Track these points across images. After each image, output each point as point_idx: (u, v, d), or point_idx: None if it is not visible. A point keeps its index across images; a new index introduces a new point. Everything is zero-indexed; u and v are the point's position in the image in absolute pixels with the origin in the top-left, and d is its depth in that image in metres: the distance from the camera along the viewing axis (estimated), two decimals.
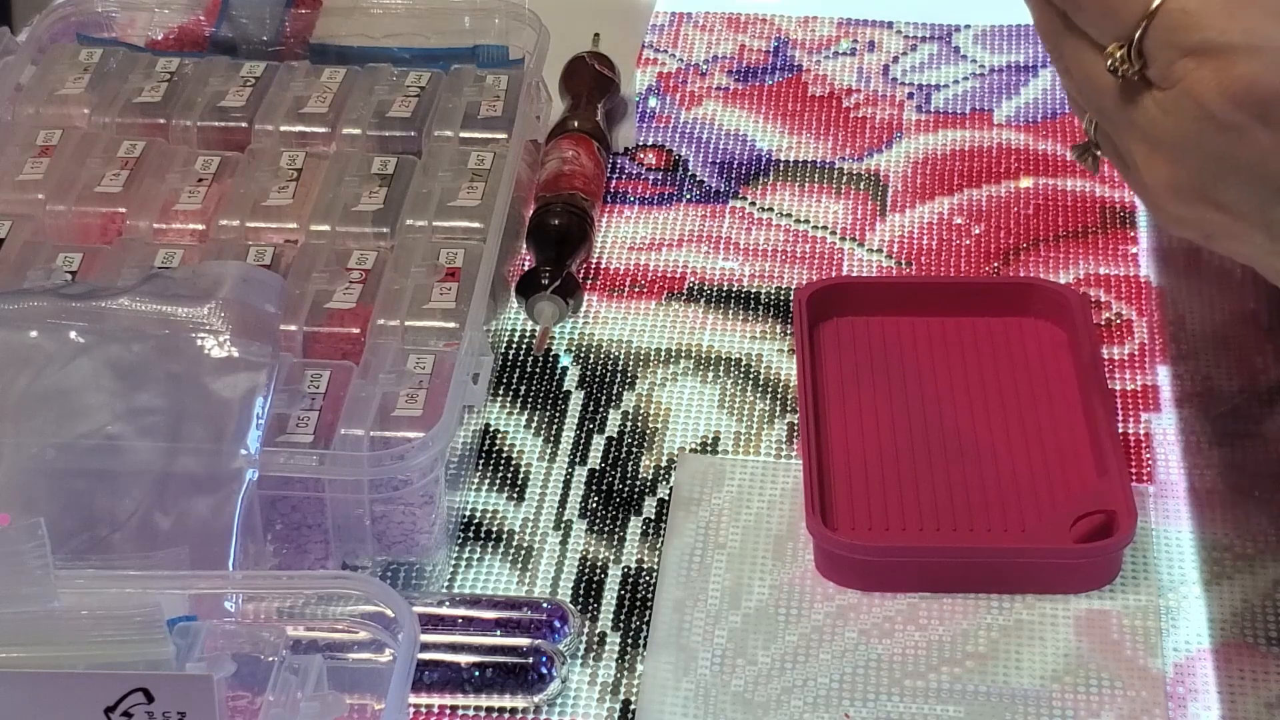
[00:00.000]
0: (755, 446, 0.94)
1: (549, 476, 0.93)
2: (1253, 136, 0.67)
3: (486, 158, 1.01)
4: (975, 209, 1.09)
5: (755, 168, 1.12)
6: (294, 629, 0.75)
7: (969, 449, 0.91)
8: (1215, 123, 0.67)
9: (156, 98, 1.05)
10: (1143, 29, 0.68)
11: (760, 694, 0.82)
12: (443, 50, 1.10)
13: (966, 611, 0.85)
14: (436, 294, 0.92)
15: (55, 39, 1.12)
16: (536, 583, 0.87)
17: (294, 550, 0.85)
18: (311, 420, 0.85)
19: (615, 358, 1.00)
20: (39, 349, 0.83)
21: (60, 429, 0.81)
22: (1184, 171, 0.69)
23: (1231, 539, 0.88)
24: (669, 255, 1.06)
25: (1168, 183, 0.70)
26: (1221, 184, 0.69)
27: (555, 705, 0.82)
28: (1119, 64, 0.69)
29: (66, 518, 0.79)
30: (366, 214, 0.98)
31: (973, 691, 0.82)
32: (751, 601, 0.86)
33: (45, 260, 0.94)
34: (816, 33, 1.23)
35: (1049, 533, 0.87)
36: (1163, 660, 0.83)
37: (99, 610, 0.70)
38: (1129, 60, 0.69)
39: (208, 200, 0.99)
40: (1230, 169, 0.68)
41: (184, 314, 0.84)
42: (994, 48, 1.22)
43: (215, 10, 1.13)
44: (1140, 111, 0.70)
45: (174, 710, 0.67)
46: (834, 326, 0.99)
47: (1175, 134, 0.69)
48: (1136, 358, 0.98)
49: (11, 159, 1.01)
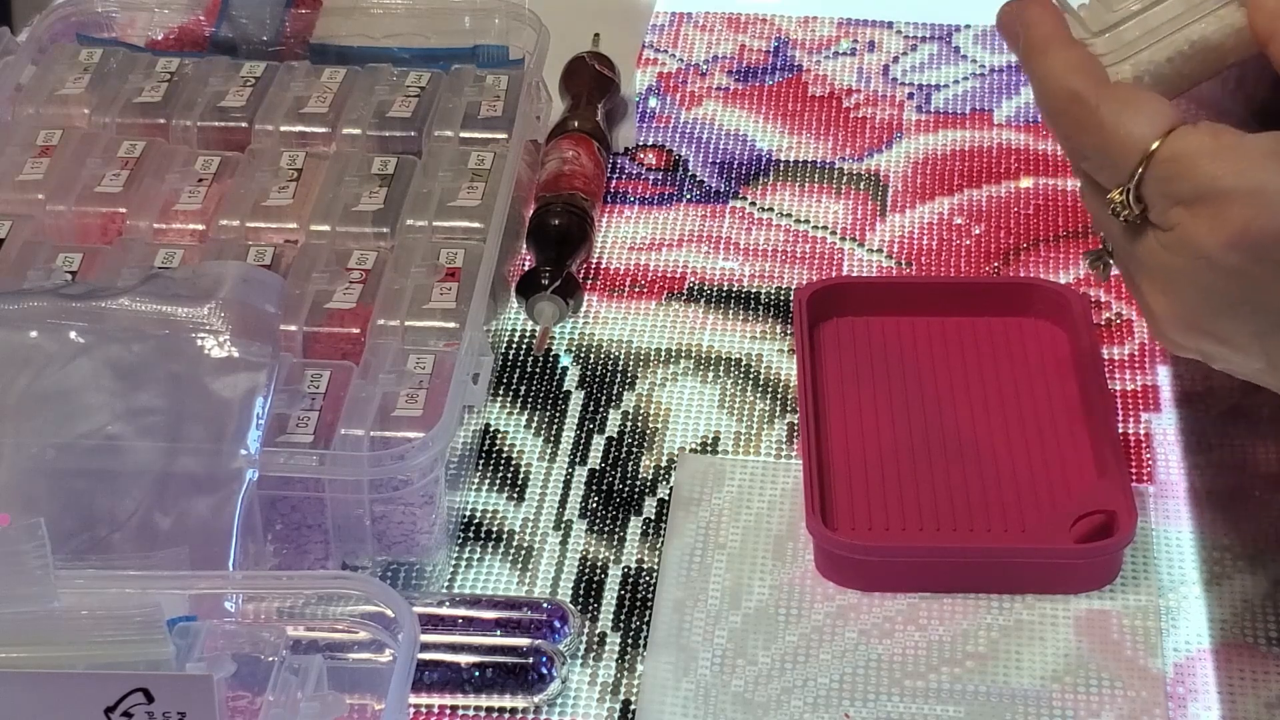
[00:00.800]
0: (755, 446, 0.94)
1: (549, 476, 0.93)
2: (1250, 277, 0.69)
3: (486, 158, 1.01)
4: (975, 209, 1.09)
5: (755, 168, 1.12)
6: (294, 629, 0.75)
7: (969, 449, 0.91)
8: (1213, 265, 0.69)
9: (156, 98, 1.05)
10: (1138, 178, 0.71)
11: (760, 694, 0.82)
12: (443, 50, 1.10)
13: (966, 611, 0.85)
14: (436, 294, 0.92)
15: (55, 39, 1.12)
16: (536, 583, 0.87)
17: (294, 550, 0.85)
18: (311, 420, 0.85)
19: (615, 358, 1.00)
20: (39, 349, 0.83)
21: (60, 429, 0.81)
22: (1184, 307, 0.72)
23: (1231, 539, 0.88)
24: (669, 255, 1.06)
25: (1169, 315, 0.73)
26: (1221, 319, 0.71)
27: (555, 705, 0.82)
28: (1120, 209, 0.72)
29: (66, 518, 0.79)
30: (366, 214, 0.98)
31: (973, 691, 0.82)
32: (751, 601, 0.86)
33: (45, 260, 0.94)
34: (816, 33, 1.23)
35: (1049, 533, 0.87)
36: (1163, 660, 0.83)
37: (99, 610, 0.70)
38: (1129, 205, 0.71)
39: (208, 200, 0.99)
40: (1228, 306, 0.71)
41: (184, 314, 0.84)
42: (994, 48, 1.22)
43: (215, 10, 1.13)
44: (1144, 248, 0.72)
45: (174, 710, 0.67)
46: (834, 326, 0.99)
47: (1176, 272, 0.71)
48: (1136, 358, 0.98)
49: (11, 159, 1.01)
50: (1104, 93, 0.72)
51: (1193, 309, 0.72)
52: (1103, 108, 0.72)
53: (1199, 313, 0.72)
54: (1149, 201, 0.71)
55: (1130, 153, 0.71)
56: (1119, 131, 0.71)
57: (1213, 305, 0.71)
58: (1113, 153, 0.71)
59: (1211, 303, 0.71)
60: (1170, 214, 0.70)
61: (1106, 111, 0.72)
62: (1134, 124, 0.71)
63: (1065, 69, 0.73)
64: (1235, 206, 0.68)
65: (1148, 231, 0.72)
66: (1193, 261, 0.70)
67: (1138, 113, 0.71)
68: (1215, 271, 0.70)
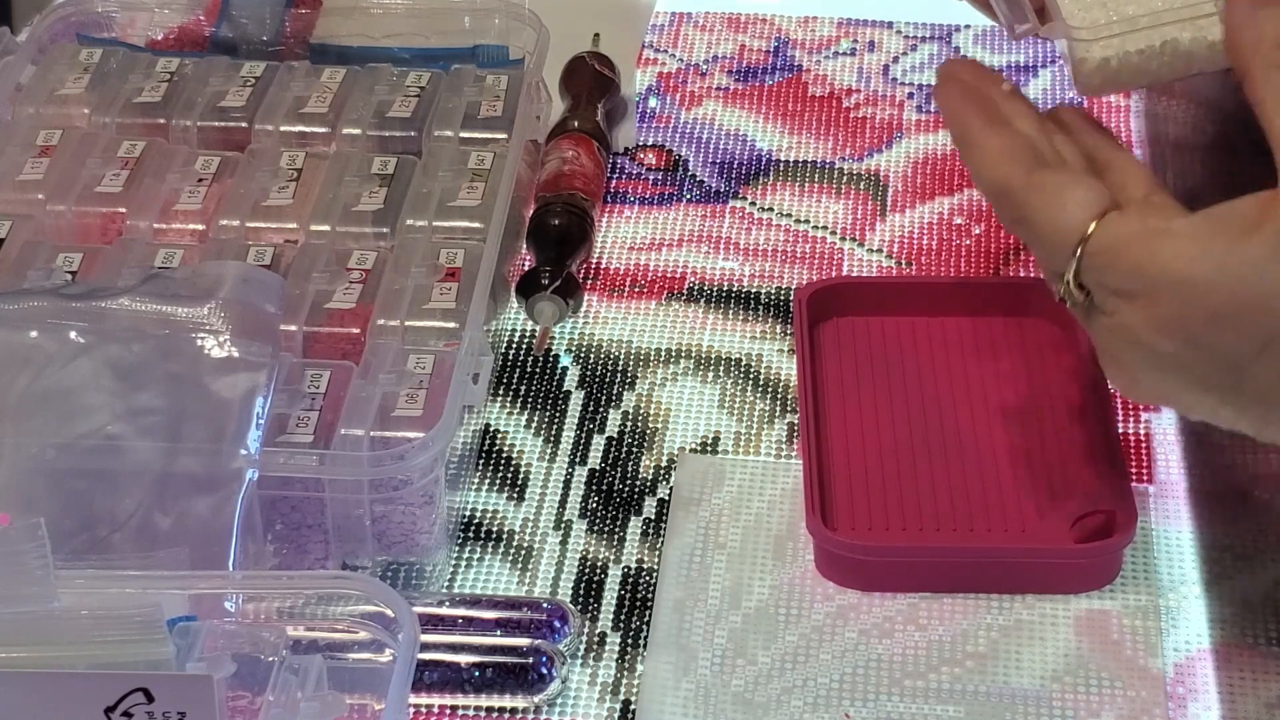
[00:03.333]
0: (755, 446, 0.94)
1: (549, 476, 0.93)
2: (1187, 360, 0.70)
3: (486, 158, 1.01)
4: (975, 209, 1.09)
5: (755, 168, 1.12)
6: (294, 629, 0.75)
7: (969, 449, 0.91)
8: (1152, 350, 0.71)
9: (156, 98, 1.05)
10: (1075, 269, 0.71)
11: (760, 694, 0.82)
12: (443, 50, 1.10)
13: (966, 611, 0.85)
14: (436, 294, 0.92)
15: (55, 39, 1.12)
16: (536, 583, 0.87)
17: (294, 550, 0.85)
18: (311, 420, 0.85)
19: (615, 358, 1.00)
20: (39, 349, 0.83)
21: (60, 429, 0.81)
22: (1136, 383, 0.74)
23: (1231, 539, 0.88)
24: (669, 255, 1.06)
25: (1125, 386, 0.75)
26: (1173, 393, 0.73)
27: (555, 705, 0.82)
28: (1064, 295, 0.73)
29: (66, 518, 0.79)
30: (366, 214, 0.98)
31: (973, 691, 0.82)
32: (751, 601, 0.86)
33: (45, 260, 0.94)
34: (816, 33, 1.23)
35: (1049, 533, 0.87)
36: (1163, 660, 0.83)
37: (99, 610, 0.70)
38: (1072, 293, 0.72)
39: (208, 200, 0.99)
40: (1178, 382, 0.72)
41: (184, 314, 0.84)
42: (994, 48, 1.22)
43: (215, 10, 1.13)
44: (1094, 326, 0.73)
45: (174, 710, 0.67)
46: (834, 326, 0.99)
47: (1123, 352, 0.72)
48: None
49: (11, 159, 1.01)
50: (1033, 181, 0.72)
51: (1145, 385, 0.73)
52: (1033, 199, 0.72)
53: (1151, 387, 0.73)
54: (1090, 289, 0.72)
55: (1064, 244, 0.71)
56: (1051, 223, 0.72)
57: (1163, 382, 0.72)
58: (1047, 245, 0.72)
59: (1162, 380, 0.72)
60: (1108, 302, 0.71)
61: (1037, 203, 0.72)
62: (1064, 214, 0.71)
63: (993, 159, 0.73)
64: (1163, 296, 0.69)
65: (1095, 314, 0.73)
66: (1133, 347, 0.71)
67: (1068, 201, 0.71)
68: (1156, 355, 0.71)
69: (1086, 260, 0.71)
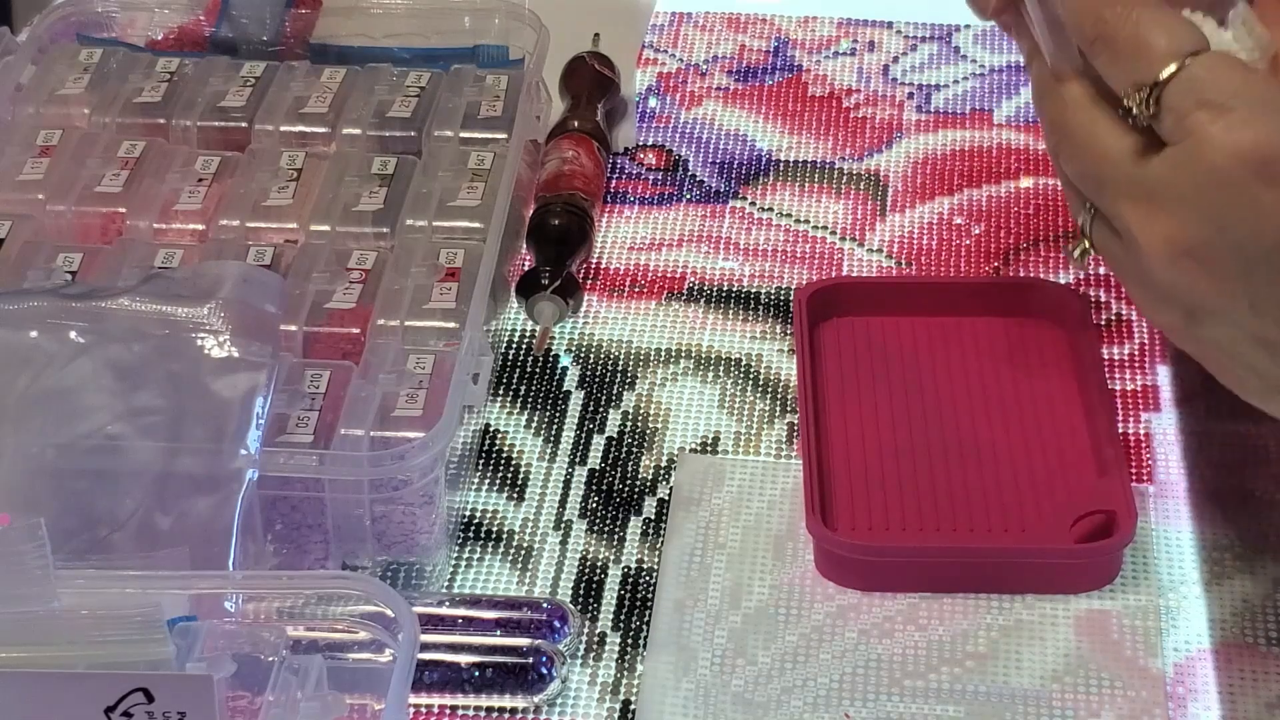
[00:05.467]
0: (755, 446, 0.94)
1: (549, 476, 0.93)
2: (1251, 194, 0.69)
3: (486, 158, 1.01)
4: (975, 209, 1.09)
5: (755, 168, 1.12)
6: (294, 629, 0.75)
7: (969, 449, 0.91)
8: (1218, 177, 0.70)
9: (156, 98, 1.05)
10: (1167, 78, 0.71)
11: (760, 694, 0.82)
12: (443, 50, 1.10)
13: (966, 611, 0.85)
14: (436, 294, 0.92)
15: (55, 39, 1.12)
16: (536, 583, 0.87)
17: (294, 550, 0.85)
18: (311, 420, 0.85)
19: (615, 358, 1.00)
20: (39, 349, 0.83)
21: (60, 429, 0.81)
22: (1181, 227, 0.72)
23: (1231, 539, 0.88)
24: (669, 255, 1.06)
25: (1163, 241, 0.72)
26: (1216, 241, 0.71)
27: (555, 705, 0.82)
28: (1139, 107, 0.72)
29: (66, 518, 0.79)
30: (366, 214, 0.98)
31: (973, 691, 0.82)
32: (751, 601, 0.86)
33: (45, 260, 0.94)
34: (816, 33, 1.23)
35: (1049, 533, 0.87)
36: (1163, 660, 0.83)
37: (99, 610, 0.70)
38: (1146, 107, 0.71)
39: (208, 200, 0.99)
40: (1226, 225, 0.71)
41: (184, 314, 0.84)
42: (994, 48, 1.22)
43: (215, 10, 1.13)
44: (1144, 168, 0.72)
45: (174, 710, 0.67)
46: (834, 326, 0.99)
47: (1178, 188, 0.71)
48: (1136, 358, 0.98)
49: (11, 159, 1.01)
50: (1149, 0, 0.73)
51: (1189, 230, 0.71)
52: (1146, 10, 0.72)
53: (1195, 234, 0.71)
54: (1168, 105, 0.71)
55: (1168, 51, 0.71)
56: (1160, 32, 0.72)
57: (1210, 225, 0.71)
58: (1144, 49, 0.72)
59: (1209, 223, 0.71)
60: (1189, 119, 0.70)
61: (1149, 15, 0.72)
62: (1176, 30, 0.72)
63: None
64: (1252, 121, 0.69)
65: (1152, 152, 0.72)
66: (1198, 175, 0.70)
67: (1180, 24, 0.72)
68: (1219, 186, 0.70)
69: (1190, 69, 0.71)
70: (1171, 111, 0.71)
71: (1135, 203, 0.73)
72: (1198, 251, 0.72)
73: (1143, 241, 0.73)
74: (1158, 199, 0.72)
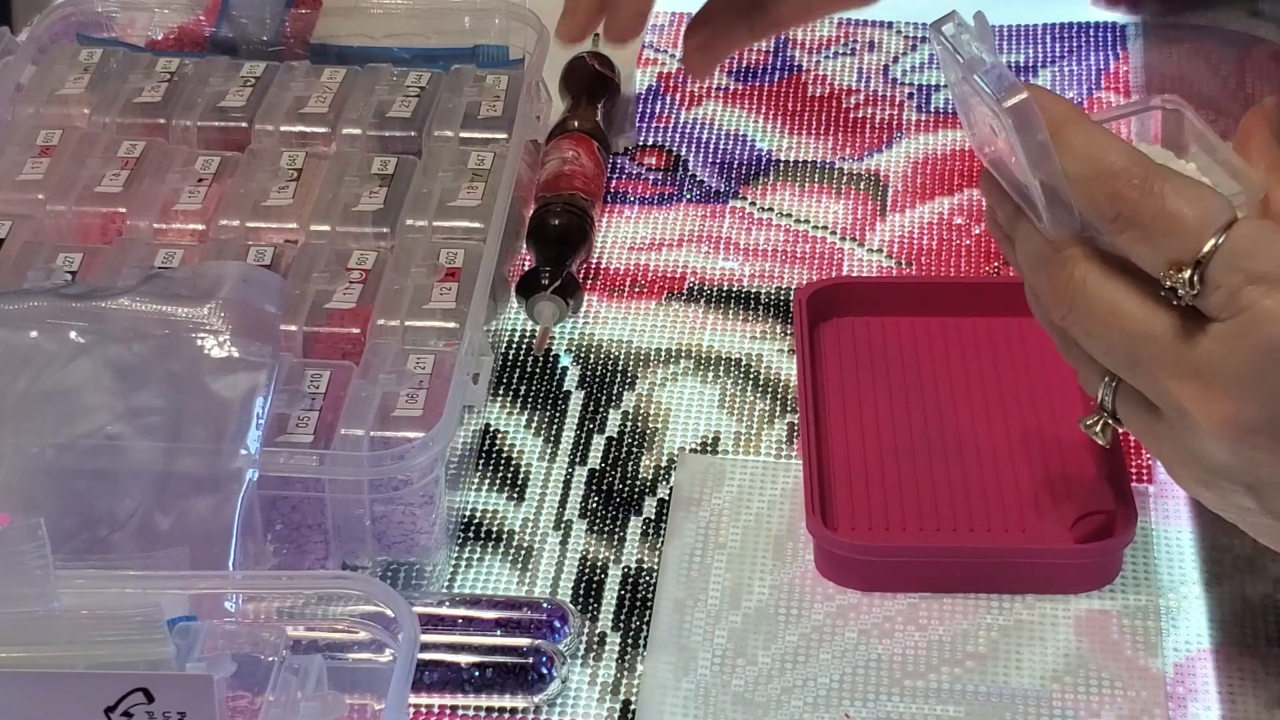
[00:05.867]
0: (755, 446, 0.94)
1: (549, 476, 0.93)
2: None
3: (486, 158, 1.01)
4: (975, 209, 1.09)
5: (755, 168, 1.12)
6: (294, 629, 0.75)
7: (969, 449, 0.91)
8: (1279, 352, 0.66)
9: (156, 98, 1.05)
10: (1210, 252, 0.67)
11: (760, 694, 0.82)
12: (443, 50, 1.10)
13: (966, 611, 0.85)
14: (436, 294, 0.92)
15: (55, 39, 1.12)
16: (536, 583, 0.87)
17: (294, 550, 0.85)
18: (311, 420, 0.85)
19: (615, 358, 1.00)
20: (39, 349, 0.83)
21: (60, 429, 0.81)
22: (1243, 406, 0.67)
23: (1231, 539, 0.88)
24: (669, 255, 1.06)
25: (1224, 421, 0.68)
26: None
27: (555, 705, 0.82)
28: (1184, 287, 0.67)
29: (66, 518, 0.79)
30: (366, 214, 0.98)
31: (973, 691, 0.82)
32: (751, 601, 0.86)
33: (45, 260, 0.94)
34: (816, 33, 1.23)
35: (1049, 533, 0.87)
36: (1163, 660, 0.83)
37: (99, 610, 0.70)
38: (1190, 285, 0.67)
39: (208, 200, 0.99)
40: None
41: (184, 314, 0.84)
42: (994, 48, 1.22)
43: (215, 10, 1.13)
44: (1193, 347, 0.68)
45: (174, 710, 0.67)
46: (834, 326, 0.99)
47: (1235, 366, 0.67)
48: None
49: (11, 159, 1.01)
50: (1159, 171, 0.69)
51: (1250, 408, 0.67)
52: (1167, 182, 0.68)
53: (1257, 411, 0.67)
54: (1214, 281, 0.67)
55: (1202, 225, 0.67)
56: (1190, 205, 0.67)
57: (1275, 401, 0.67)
58: (1176, 226, 0.67)
59: (1274, 398, 0.67)
60: (1242, 295, 0.66)
61: (1171, 186, 0.68)
62: (1205, 200, 0.68)
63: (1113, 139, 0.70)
64: None
65: (1198, 328, 0.68)
66: (1261, 351, 0.67)
67: (1205, 193, 0.68)
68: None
69: (1232, 242, 0.66)
70: (1218, 288, 0.67)
71: (1185, 382, 0.68)
72: (1266, 428, 0.67)
73: (1202, 422, 0.68)
74: (1212, 378, 0.68)
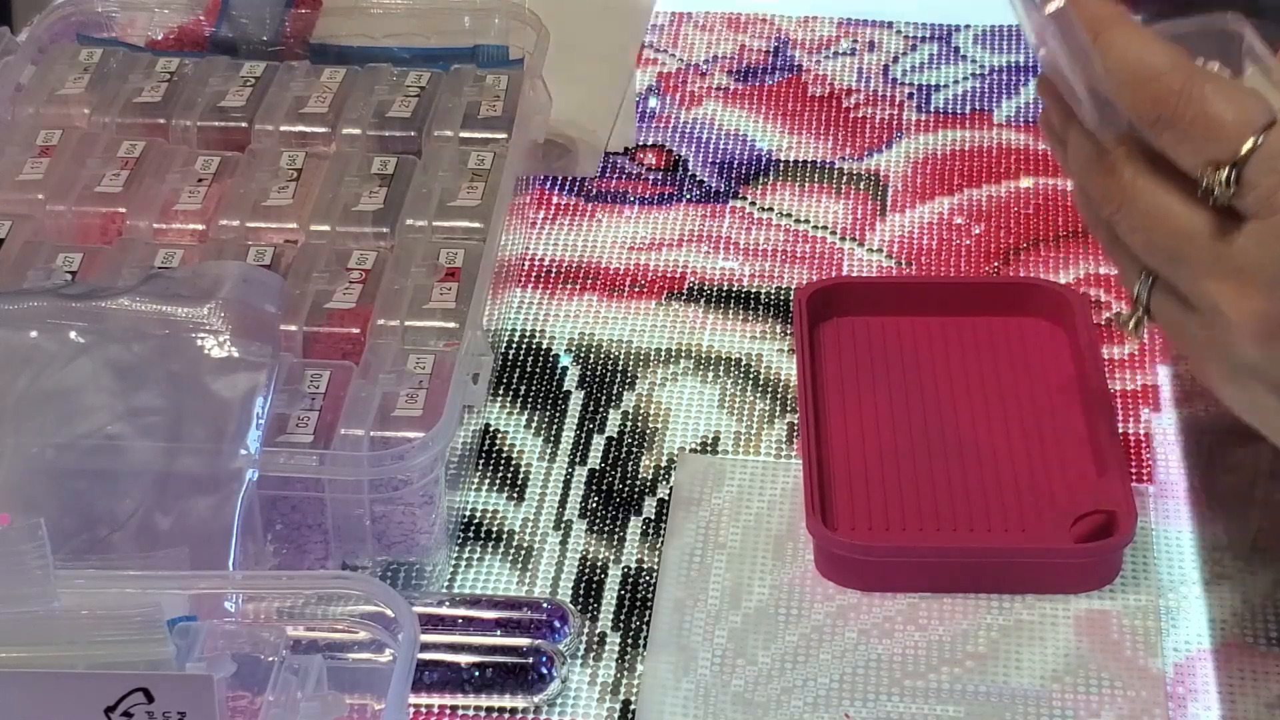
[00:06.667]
0: (755, 446, 0.94)
1: (549, 476, 0.93)
2: None
3: (486, 158, 1.01)
4: (975, 209, 1.09)
5: (755, 168, 1.12)
6: (294, 629, 0.75)
7: (969, 449, 0.91)
8: None
9: (156, 98, 1.05)
10: (1248, 152, 0.67)
11: (760, 694, 0.82)
12: (443, 50, 1.10)
13: (966, 611, 0.85)
14: (436, 294, 0.92)
15: (55, 39, 1.12)
16: (536, 583, 0.87)
17: (294, 550, 0.85)
18: (311, 420, 0.85)
19: (615, 358, 1.00)
20: (39, 349, 0.83)
21: (60, 429, 0.81)
22: (1276, 304, 0.68)
23: (1231, 539, 0.88)
24: (669, 255, 1.06)
25: (1257, 318, 0.69)
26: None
27: (555, 705, 0.82)
28: (1220, 187, 0.68)
29: (66, 518, 0.79)
30: (366, 214, 0.98)
31: (973, 691, 0.82)
32: (751, 601, 0.86)
33: (45, 260, 0.94)
34: (816, 33, 1.24)
35: (1049, 533, 0.87)
36: (1163, 660, 0.83)
37: (99, 610, 0.70)
38: (1227, 185, 0.68)
39: (208, 200, 0.99)
40: None
41: (184, 314, 0.84)
42: (994, 48, 1.22)
43: (215, 10, 1.13)
44: (1228, 245, 0.69)
45: (174, 710, 0.67)
46: (834, 326, 0.99)
47: (1271, 264, 0.68)
48: (1136, 358, 0.98)
49: (11, 159, 1.01)
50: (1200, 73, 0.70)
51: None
52: (1207, 84, 0.69)
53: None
54: (1252, 181, 0.68)
55: (1241, 127, 0.68)
56: (1230, 106, 0.68)
57: None
58: (1215, 126, 0.68)
59: None
60: (1277, 196, 0.67)
61: (1211, 87, 0.69)
62: (1245, 102, 0.69)
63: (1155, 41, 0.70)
64: None
65: (1234, 227, 0.69)
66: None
67: (1246, 95, 0.69)
68: None
69: (1268, 146, 0.67)
70: (1255, 188, 0.68)
71: (1221, 280, 0.69)
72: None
73: (1234, 319, 0.69)
74: (1245, 276, 0.69)
